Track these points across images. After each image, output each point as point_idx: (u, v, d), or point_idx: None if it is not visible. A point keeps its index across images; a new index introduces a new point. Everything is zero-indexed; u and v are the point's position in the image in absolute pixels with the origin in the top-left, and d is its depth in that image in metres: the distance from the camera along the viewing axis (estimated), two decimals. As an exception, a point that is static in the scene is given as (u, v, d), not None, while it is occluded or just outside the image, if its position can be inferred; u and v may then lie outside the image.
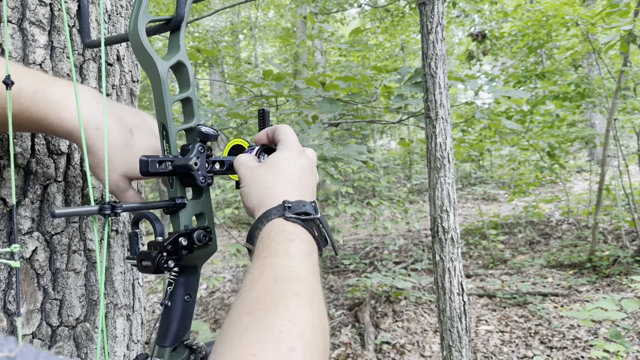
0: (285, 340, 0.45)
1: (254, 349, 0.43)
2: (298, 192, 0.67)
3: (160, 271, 0.63)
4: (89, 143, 0.64)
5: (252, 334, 0.45)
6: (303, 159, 0.71)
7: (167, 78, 0.66)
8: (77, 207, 0.58)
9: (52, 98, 0.62)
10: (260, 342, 0.44)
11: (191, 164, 0.64)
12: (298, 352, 0.44)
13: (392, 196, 9.46)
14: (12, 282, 0.72)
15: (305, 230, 0.62)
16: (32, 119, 0.61)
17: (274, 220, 0.62)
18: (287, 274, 0.53)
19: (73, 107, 0.62)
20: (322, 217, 0.66)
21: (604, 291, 4.48)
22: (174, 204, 0.66)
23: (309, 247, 0.60)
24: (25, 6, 0.75)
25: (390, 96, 3.74)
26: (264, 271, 0.54)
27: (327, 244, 0.67)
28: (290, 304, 0.49)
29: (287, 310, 0.48)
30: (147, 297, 5.74)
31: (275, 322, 0.46)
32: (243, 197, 0.69)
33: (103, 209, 0.58)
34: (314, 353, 0.46)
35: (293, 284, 0.52)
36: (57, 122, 0.62)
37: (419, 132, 11.61)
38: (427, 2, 2.15)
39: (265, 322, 0.46)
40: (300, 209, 0.63)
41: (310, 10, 8.06)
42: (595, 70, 7.51)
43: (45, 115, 0.61)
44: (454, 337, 2.14)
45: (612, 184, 6.04)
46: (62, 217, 0.54)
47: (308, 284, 0.53)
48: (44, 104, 0.61)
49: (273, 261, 0.55)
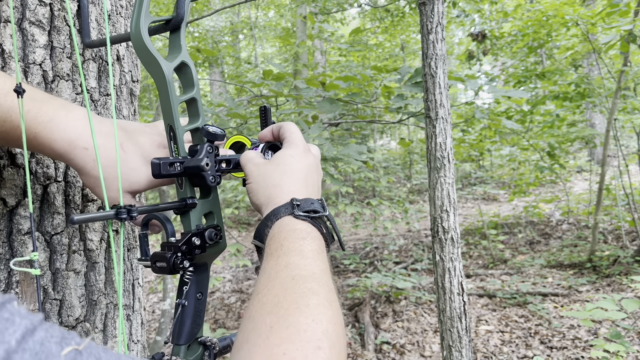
0: (312, 339, 0.46)
1: (282, 348, 0.44)
2: (305, 189, 0.67)
3: (176, 271, 0.63)
4: (80, 164, 0.63)
5: (279, 333, 0.46)
6: (309, 156, 0.72)
7: (172, 79, 0.66)
8: (95, 213, 0.58)
9: (43, 118, 0.61)
10: (289, 341, 0.45)
11: (203, 165, 0.65)
12: (325, 351, 0.45)
13: (392, 196, 9.46)
14: (12, 282, 0.72)
15: (315, 228, 0.63)
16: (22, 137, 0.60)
17: (284, 218, 0.62)
18: (304, 273, 0.54)
19: (62, 127, 0.61)
20: (329, 214, 0.67)
21: (604, 291, 4.48)
22: (185, 205, 0.67)
23: (320, 245, 0.61)
24: (25, 6, 0.75)
25: (390, 96, 3.74)
26: (280, 270, 0.55)
27: (334, 240, 0.68)
28: (311, 303, 0.50)
29: (309, 309, 0.49)
30: (147, 297, 5.74)
31: (300, 321, 0.47)
32: (250, 194, 0.70)
33: (119, 214, 0.58)
34: (337, 351, 0.47)
35: (311, 283, 0.53)
36: (47, 143, 0.61)
37: (419, 132, 11.61)
38: (427, 2, 2.15)
39: (289, 322, 0.47)
40: (308, 207, 0.64)
41: (310, 10, 8.06)
42: (595, 70, 7.51)
43: (35, 135, 0.60)
44: (454, 337, 2.14)
45: (612, 184, 6.04)
46: (80, 223, 0.55)
47: (324, 282, 0.54)
48: (34, 124, 0.60)
49: (288, 260, 0.56)
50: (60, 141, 0.61)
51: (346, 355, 0.50)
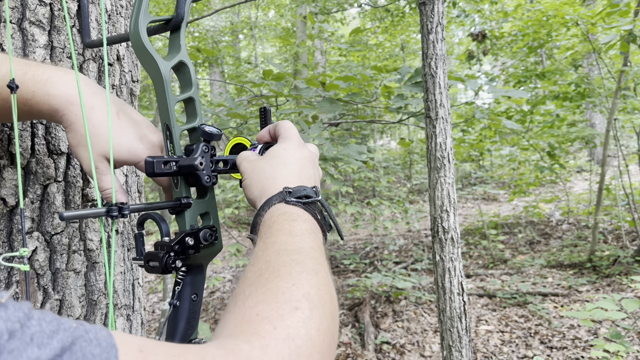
0: (290, 300, 0.44)
1: (256, 309, 0.43)
2: (299, 180, 0.66)
3: (168, 271, 0.63)
4: (72, 119, 0.63)
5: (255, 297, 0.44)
6: (304, 150, 0.71)
7: (170, 78, 0.66)
8: (85, 210, 0.58)
9: (41, 77, 0.62)
10: (263, 302, 0.43)
11: (196, 164, 0.64)
12: (303, 311, 0.43)
13: (392, 196, 9.46)
14: (12, 282, 0.72)
15: (307, 212, 0.62)
16: (21, 100, 0.61)
17: (276, 205, 0.62)
18: (290, 248, 0.53)
19: (60, 84, 0.62)
20: (324, 200, 0.66)
21: (604, 291, 4.48)
22: (180, 204, 0.66)
23: (311, 226, 0.60)
24: (25, 6, 0.75)
25: (390, 96, 3.74)
26: (267, 248, 0.54)
27: (331, 229, 0.67)
28: (293, 271, 0.48)
29: (290, 275, 0.47)
30: (147, 297, 5.74)
31: (278, 285, 0.45)
32: (245, 190, 0.69)
33: (110, 211, 0.58)
34: (320, 314, 0.44)
35: (296, 255, 0.51)
36: (45, 99, 0.62)
37: (419, 132, 11.61)
38: (427, 2, 2.15)
39: (267, 287, 0.45)
40: (300, 193, 0.63)
41: (310, 10, 8.05)
42: (595, 70, 7.51)
43: (33, 93, 0.61)
44: (454, 337, 2.14)
45: (612, 184, 6.04)
46: (70, 219, 0.55)
47: (312, 256, 0.52)
48: (32, 83, 0.61)
49: (275, 239, 0.55)
50: (58, 96, 0.62)
51: (336, 325, 0.48)
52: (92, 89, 0.65)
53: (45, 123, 0.78)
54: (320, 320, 0.44)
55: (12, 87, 0.56)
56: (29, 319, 0.30)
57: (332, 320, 0.46)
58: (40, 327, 0.30)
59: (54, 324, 0.31)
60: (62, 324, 0.32)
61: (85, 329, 0.33)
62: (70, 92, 0.63)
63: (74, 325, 0.33)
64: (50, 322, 0.31)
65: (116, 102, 0.69)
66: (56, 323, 0.32)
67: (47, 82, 0.62)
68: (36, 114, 0.64)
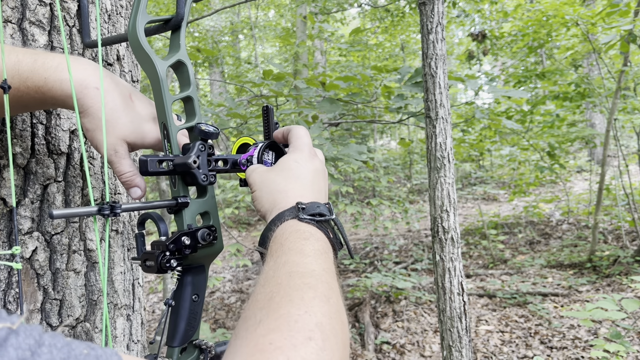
0: (303, 330, 0.42)
1: (269, 337, 0.41)
2: (312, 194, 0.66)
3: (163, 271, 0.62)
4: (89, 103, 0.62)
5: (267, 324, 0.43)
6: (316, 161, 0.70)
7: (166, 78, 0.66)
8: (76, 208, 0.57)
9: (51, 64, 0.62)
10: (277, 331, 0.42)
11: (190, 162, 0.64)
12: (317, 342, 0.42)
13: (392, 196, 9.46)
14: (12, 282, 0.72)
15: (320, 231, 0.61)
16: (33, 87, 0.61)
17: (288, 221, 0.61)
18: (302, 270, 0.51)
19: (72, 69, 0.62)
20: (337, 218, 0.65)
21: (604, 291, 4.48)
22: (177, 203, 0.66)
23: (324, 246, 0.59)
24: (25, 6, 0.75)
25: (390, 96, 3.74)
26: (278, 269, 0.52)
27: (342, 246, 0.65)
28: (305, 297, 0.46)
29: (302, 301, 0.46)
30: (147, 297, 5.74)
31: (291, 312, 0.44)
32: (255, 202, 0.68)
33: (102, 210, 0.57)
34: (332, 345, 0.43)
35: (308, 279, 0.50)
36: (57, 85, 0.61)
37: (419, 132, 11.61)
38: (427, 2, 2.15)
39: (279, 313, 0.44)
40: (314, 210, 0.62)
41: (310, 10, 8.05)
42: (595, 70, 7.50)
43: (46, 79, 0.61)
44: (454, 337, 2.14)
45: (612, 184, 6.04)
46: (60, 218, 0.54)
47: (324, 280, 0.51)
48: (43, 70, 0.61)
49: (287, 259, 0.53)
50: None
51: (347, 355, 0.46)
52: (99, 72, 0.65)
53: (45, 123, 0.78)
54: (332, 352, 0.43)
55: (4, 87, 0.56)
56: (39, 346, 0.30)
57: (343, 350, 0.46)
58: (51, 354, 0.30)
59: (64, 351, 0.31)
60: (73, 350, 0.32)
61: (96, 354, 0.33)
62: (82, 77, 0.62)
63: (84, 352, 0.32)
64: (61, 349, 0.31)
65: (127, 86, 0.69)
66: (67, 350, 0.31)
67: (59, 68, 0.62)
68: (49, 101, 0.63)
